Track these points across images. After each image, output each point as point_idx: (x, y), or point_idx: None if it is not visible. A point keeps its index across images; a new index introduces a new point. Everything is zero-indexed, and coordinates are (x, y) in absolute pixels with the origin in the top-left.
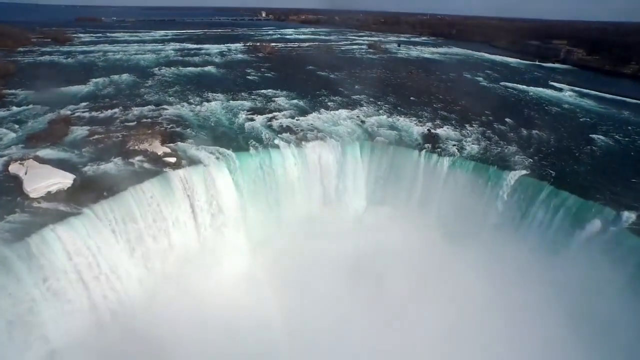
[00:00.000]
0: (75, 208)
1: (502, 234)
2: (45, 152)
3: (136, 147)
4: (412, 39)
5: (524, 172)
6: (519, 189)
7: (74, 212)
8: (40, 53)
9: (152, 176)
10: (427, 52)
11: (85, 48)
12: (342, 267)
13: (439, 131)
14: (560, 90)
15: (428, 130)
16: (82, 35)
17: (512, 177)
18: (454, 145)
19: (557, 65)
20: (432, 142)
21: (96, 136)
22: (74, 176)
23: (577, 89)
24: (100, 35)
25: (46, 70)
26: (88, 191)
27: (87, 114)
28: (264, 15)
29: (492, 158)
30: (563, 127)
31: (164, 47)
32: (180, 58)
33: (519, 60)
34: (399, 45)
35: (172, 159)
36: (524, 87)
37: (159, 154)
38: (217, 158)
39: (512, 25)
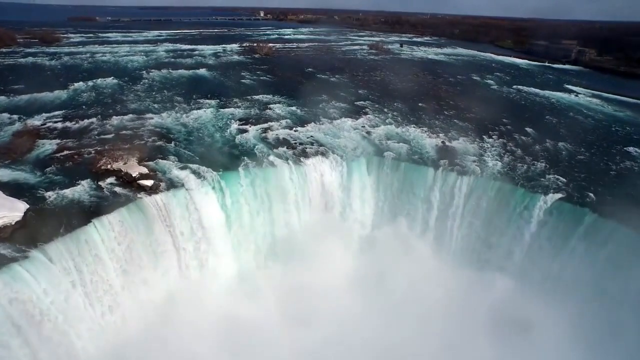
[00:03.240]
0: (21, 250)
1: (531, 272)
2: (0, 174)
3: (109, 167)
4: (415, 39)
5: (558, 195)
6: (553, 217)
7: (18, 255)
8: (23, 54)
9: (123, 204)
10: (432, 53)
11: (72, 49)
12: (346, 297)
13: (454, 144)
14: (578, 94)
15: (442, 142)
16: (72, 35)
17: (545, 201)
18: (474, 161)
19: (568, 66)
20: (448, 158)
21: (65, 152)
22: (26, 206)
23: (596, 92)
24: (91, 35)
25: (25, 73)
26: (42, 226)
27: (59, 125)
28: (262, 14)
29: (519, 178)
30: (592, 138)
31: (156, 48)
32: (172, 60)
33: (527, 61)
34: (401, 46)
35: (150, 182)
36: (538, 90)
37: (134, 175)
38: (202, 179)
39: (514, 24)
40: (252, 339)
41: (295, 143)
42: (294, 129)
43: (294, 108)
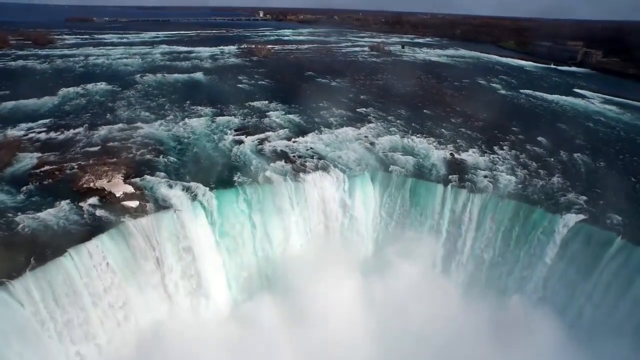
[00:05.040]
0: None
1: (550, 302)
2: None
3: (92, 185)
4: (416, 40)
5: (580, 216)
6: (575, 241)
7: None
8: (13, 57)
9: (105, 229)
10: (434, 55)
11: (66, 51)
12: (348, 325)
13: (464, 156)
14: (590, 99)
15: (451, 155)
16: (66, 36)
17: (565, 223)
18: (485, 176)
19: (574, 68)
20: (457, 173)
21: (45, 167)
22: None
23: (608, 97)
24: (86, 37)
25: (13, 77)
26: (9, 258)
27: (43, 135)
28: (261, 15)
29: (535, 195)
30: (612, 150)
31: (152, 50)
32: (168, 63)
33: (532, 63)
34: (402, 47)
35: (135, 202)
36: (547, 95)
37: (118, 195)
38: (193, 199)
39: (516, 24)
40: None
41: (294, 156)
42: (293, 139)
43: (292, 116)
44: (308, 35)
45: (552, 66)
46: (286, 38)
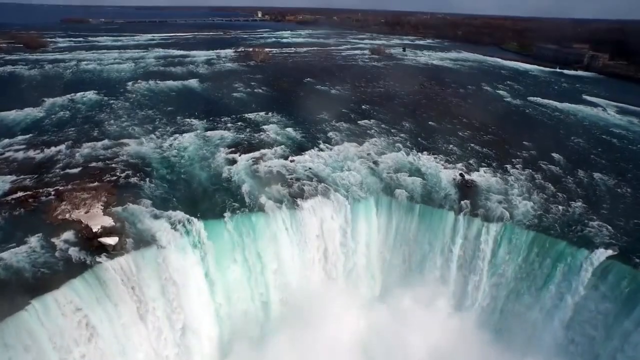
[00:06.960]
0: None
1: (575, 353)
2: None
3: (67, 216)
4: (417, 42)
5: (609, 251)
6: (605, 280)
7: None
8: (1, 62)
9: (77, 272)
10: (436, 58)
11: (57, 56)
12: None
13: (474, 177)
14: (602, 107)
15: (461, 175)
16: (60, 39)
17: (592, 259)
18: (499, 202)
19: (580, 72)
20: (469, 197)
21: (19, 194)
22: None
23: (621, 105)
24: (80, 39)
25: None
26: None
27: (20, 154)
28: (259, 15)
29: (555, 224)
30: (635, 168)
31: (146, 54)
32: (162, 68)
33: (537, 67)
34: (404, 50)
35: (114, 239)
36: (556, 103)
37: (95, 229)
38: (180, 233)
39: (518, 24)
40: None
41: (292, 179)
42: (290, 158)
43: (289, 130)
44: (307, 37)
45: (558, 70)
46: (284, 40)
